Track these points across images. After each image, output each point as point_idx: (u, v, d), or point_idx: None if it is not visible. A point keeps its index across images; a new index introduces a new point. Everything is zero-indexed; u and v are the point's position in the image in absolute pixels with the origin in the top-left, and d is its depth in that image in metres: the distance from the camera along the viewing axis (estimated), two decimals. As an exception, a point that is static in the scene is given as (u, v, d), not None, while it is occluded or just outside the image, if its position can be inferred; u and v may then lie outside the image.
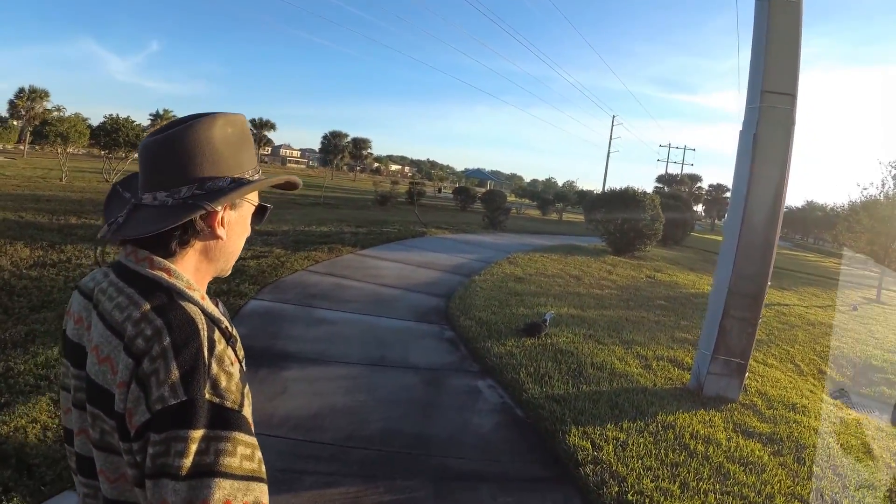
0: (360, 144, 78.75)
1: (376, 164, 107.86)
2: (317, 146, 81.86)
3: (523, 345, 6.34)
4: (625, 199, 17.10)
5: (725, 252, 6.04)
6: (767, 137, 5.84)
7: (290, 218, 16.27)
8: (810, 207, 73.45)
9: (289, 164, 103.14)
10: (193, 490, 0.83)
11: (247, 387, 0.96)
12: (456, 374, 5.61)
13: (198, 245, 1.04)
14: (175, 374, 0.86)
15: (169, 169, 1.00)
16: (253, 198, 1.13)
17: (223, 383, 0.90)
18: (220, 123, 1.03)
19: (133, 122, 28.54)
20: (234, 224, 1.09)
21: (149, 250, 1.00)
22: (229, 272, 1.18)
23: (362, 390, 4.98)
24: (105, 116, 28.55)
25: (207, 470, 0.84)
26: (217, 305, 1.10)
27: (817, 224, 69.86)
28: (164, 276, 0.98)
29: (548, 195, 44.52)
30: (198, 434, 0.85)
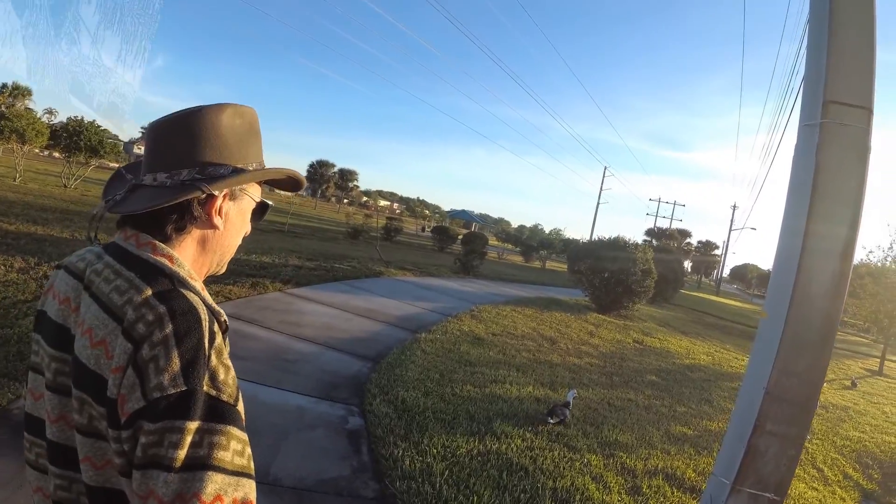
0: (346, 175, 77.25)
1: (364, 198, 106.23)
2: (305, 174, 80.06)
3: (454, 453, 4.28)
4: (614, 249, 15.12)
5: (765, 336, 4.06)
6: (834, 165, 3.94)
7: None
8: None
9: (275, 191, 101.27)
10: (185, 482, 0.79)
11: None
12: (338, 501, 3.54)
13: (195, 233, 1.02)
14: (176, 362, 0.84)
15: (172, 151, 1.00)
16: (254, 193, 1.12)
17: (221, 376, 0.88)
18: (228, 112, 1.03)
19: (97, 126, 26.50)
20: (233, 216, 1.07)
21: (147, 234, 0.98)
22: (224, 269, 1.14)
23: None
24: (68, 118, 26.69)
25: (201, 463, 0.81)
26: None
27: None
28: (167, 262, 0.96)
29: (532, 241, 42.60)
30: (194, 426, 0.82)
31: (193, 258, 1.03)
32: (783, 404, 3.98)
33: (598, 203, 58.30)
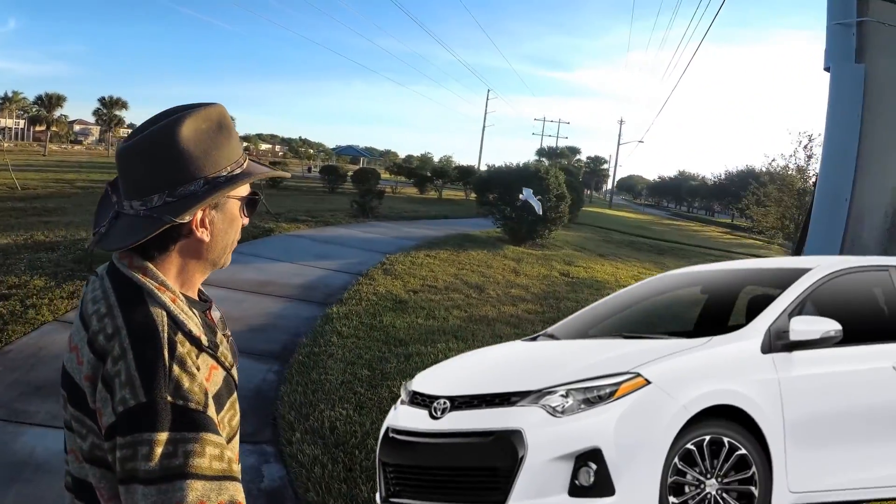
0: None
1: (245, 144, 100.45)
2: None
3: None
4: (525, 176, 14.05)
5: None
6: (887, 73, 2.91)
7: (80, 221, 11.92)
8: (683, 177, 76.30)
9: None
10: (164, 494, 0.78)
11: (220, 388, 0.95)
12: None
13: (183, 246, 0.98)
14: (135, 374, 0.82)
15: (139, 177, 0.95)
16: (238, 192, 1.03)
17: (186, 384, 0.84)
18: (188, 123, 0.95)
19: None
20: (219, 221, 1.01)
21: (137, 254, 0.96)
22: (228, 262, 1.09)
23: None
24: None
25: (177, 472, 0.79)
26: (212, 310, 1.05)
27: (691, 193, 73.19)
28: (139, 275, 0.93)
29: (424, 171, 41.30)
30: (162, 436, 0.80)
31: (183, 267, 0.99)
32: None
33: (484, 126, 57.72)
